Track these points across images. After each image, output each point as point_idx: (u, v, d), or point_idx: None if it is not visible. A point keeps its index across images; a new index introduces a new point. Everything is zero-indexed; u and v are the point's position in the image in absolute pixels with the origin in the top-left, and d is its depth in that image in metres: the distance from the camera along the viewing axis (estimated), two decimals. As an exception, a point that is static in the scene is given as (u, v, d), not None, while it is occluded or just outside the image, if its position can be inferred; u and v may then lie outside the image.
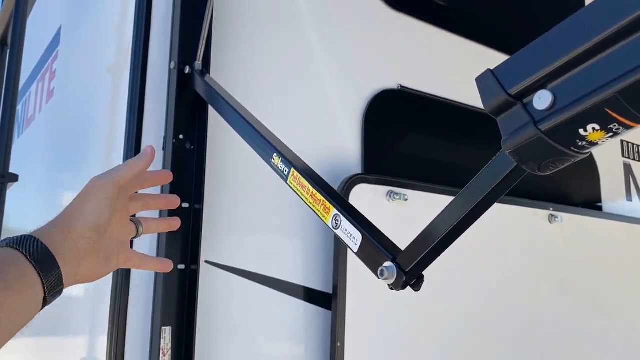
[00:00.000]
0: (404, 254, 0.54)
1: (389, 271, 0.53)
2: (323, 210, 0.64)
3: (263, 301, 1.13)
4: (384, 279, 0.54)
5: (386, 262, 0.54)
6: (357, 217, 0.60)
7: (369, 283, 1.19)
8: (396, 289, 0.54)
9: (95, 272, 0.63)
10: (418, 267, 0.52)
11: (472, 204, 0.47)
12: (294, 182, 0.70)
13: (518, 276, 1.45)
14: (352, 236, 0.59)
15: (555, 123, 0.40)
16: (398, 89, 1.39)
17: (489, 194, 0.46)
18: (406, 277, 0.53)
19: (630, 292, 1.74)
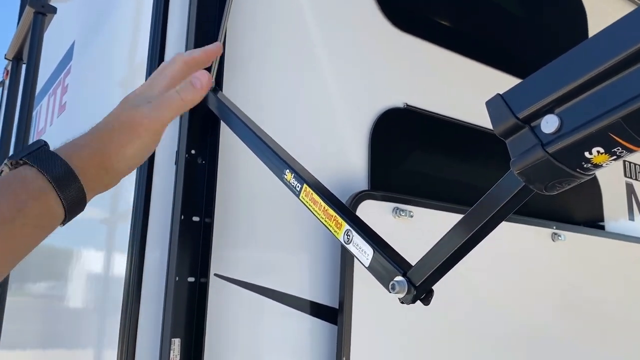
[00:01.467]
0: (414, 269, 0.56)
1: (400, 285, 0.55)
2: (335, 225, 0.66)
3: (271, 315, 1.14)
4: (395, 293, 0.56)
5: (397, 276, 0.56)
6: (368, 233, 0.62)
7: (375, 298, 1.21)
8: (406, 303, 0.56)
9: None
10: (428, 282, 0.54)
11: (481, 221, 0.49)
12: (306, 197, 0.72)
13: (521, 294, 1.47)
14: (363, 251, 0.61)
15: (561, 146, 0.42)
16: (404, 107, 1.42)
17: (497, 212, 0.48)
18: (416, 291, 0.55)
19: (632, 311, 1.75)
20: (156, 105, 0.59)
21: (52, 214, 0.49)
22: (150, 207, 1.08)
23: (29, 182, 0.48)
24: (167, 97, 0.60)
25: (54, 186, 0.49)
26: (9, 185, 0.48)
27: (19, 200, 0.47)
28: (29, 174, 0.49)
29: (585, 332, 1.59)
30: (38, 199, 0.48)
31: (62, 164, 0.50)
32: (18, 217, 0.46)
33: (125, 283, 1.04)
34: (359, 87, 1.36)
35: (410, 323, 1.25)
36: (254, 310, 1.12)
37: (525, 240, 1.51)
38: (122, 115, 0.58)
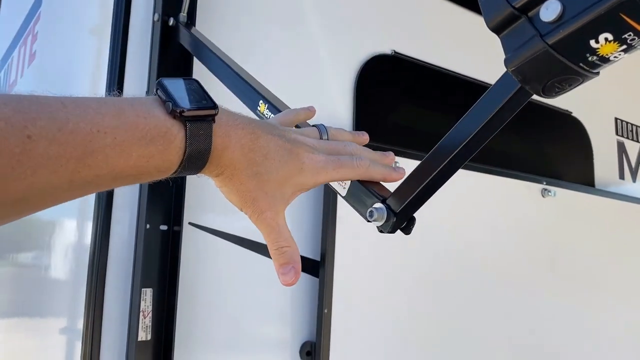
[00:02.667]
0: (394, 195, 0.50)
1: (378, 212, 0.50)
2: (310, 155, 0.60)
3: (248, 266, 1.09)
4: (373, 221, 0.50)
5: (376, 203, 0.51)
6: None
7: (357, 251, 1.17)
8: (385, 232, 0.51)
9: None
10: (409, 208, 0.49)
11: (470, 133, 0.43)
12: (280, 128, 0.66)
13: (510, 248, 1.43)
14: (341, 181, 0.55)
15: (563, 34, 0.36)
16: (391, 54, 1.35)
17: (490, 121, 0.42)
18: (396, 218, 0.49)
19: (619, 268, 1.72)
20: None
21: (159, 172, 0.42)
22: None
23: (168, 153, 0.40)
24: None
25: (181, 165, 0.42)
26: (150, 143, 0.39)
27: (147, 166, 0.40)
28: (176, 142, 0.41)
29: (571, 287, 1.57)
30: (162, 172, 0.41)
31: (206, 152, 0.43)
32: (128, 180, 0.40)
33: (92, 231, 0.98)
34: (345, 30, 1.29)
35: (391, 275, 1.20)
36: (230, 261, 1.07)
37: (515, 195, 1.47)
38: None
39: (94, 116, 0.37)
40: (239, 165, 0.45)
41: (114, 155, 0.38)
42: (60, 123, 0.35)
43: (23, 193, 0.35)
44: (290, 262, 0.49)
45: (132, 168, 0.39)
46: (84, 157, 0.36)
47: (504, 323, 1.39)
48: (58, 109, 0.36)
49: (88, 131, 0.36)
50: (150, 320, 0.95)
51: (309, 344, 1.12)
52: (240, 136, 0.45)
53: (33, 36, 1.65)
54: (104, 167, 0.37)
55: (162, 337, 0.96)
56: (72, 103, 0.37)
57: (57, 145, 0.35)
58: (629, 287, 1.75)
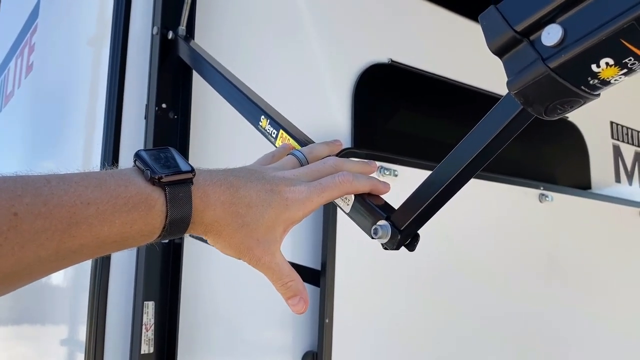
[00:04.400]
0: (398, 212, 0.51)
1: (383, 230, 0.50)
2: (313, 171, 0.61)
3: (250, 277, 1.09)
4: (378, 238, 0.51)
5: (380, 220, 0.51)
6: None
7: (358, 260, 1.17)
8: (390, 249, 0.51)
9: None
10: (413, 225, 0.50)
11: (473, 153, 0.44)
12: (283, 143, 0.66)
13: (508, 253, 1.44)
14: (344, 197, 0.55)
15: (565, 59, 0.37)
16: (389, 63, 1.36)
17: (492, 141, 0.42)
18: (401, 235, 0.50)
19: (616, 272, 1.73)
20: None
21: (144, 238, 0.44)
22: (119, 165, 1.02)
23: (150, 217, 0.42)
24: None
25: (164, 230, 0.43)
26: (132, 210, 0.41)
27: (131, 232, 0.41)
28: (157, 207, 0.42)
29: (569, 292, 1.57)
30: (145, 237, 0.43)
31: (187, 214, 0.44)
32: (112, 247, 0.42)
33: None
34: (343, 39, 1.29)
35: (393, 284, 1.21)
36: (232, 273, 1.07)
37: (512, 200, 1.47)
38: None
39: (77, 189, 0.39)
40: (224, 222, 0.46)
41: (98, 224, 0.39)
42: (45, 198, 0.37)
43: (12, 268, 0.36)
44: (297, 294, 0.52)
45: (116, 235, 0.41)
46: (69, 228, 0.38)
47: (504, 328, 1.39)
48: (42, 185, 0.38)
49: (72, 203, 0.38)
50: (152, 333, 0.95)
51: (311, 354, 1.12)
52: (219, 193, 0.46)
53: (30, 47, 1.65)
54: (88, 236, 0.39)
55: (164, 350, 0.97)
56: (56, 178, 0.39)
57: (42, 220, 0.37)
58: (626, 290, 1.76)
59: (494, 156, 0.44)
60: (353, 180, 0.53)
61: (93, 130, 1.09)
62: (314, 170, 0.54)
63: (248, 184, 0.48)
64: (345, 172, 0.54)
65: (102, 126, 1.03)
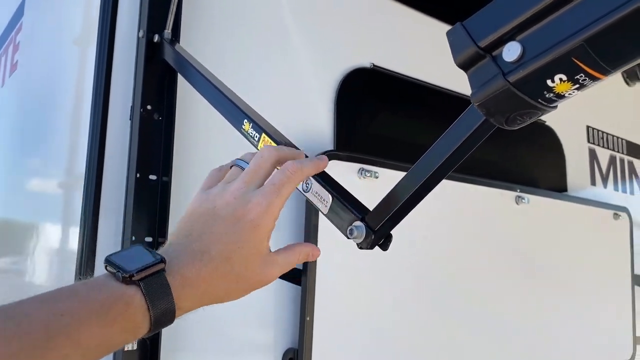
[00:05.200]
0: (372, 213, 0.54)
1: (358, 230, 0.53)
2: (293, 174, 0.64)
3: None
4: (353, 238, 0.54)
5: (355, 221, 0.54)
6: (327, 180, 0.60)
7: (339, 258, 1.20)
8: (365, 248, 0.54)
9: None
10: (386, 226, 0.53)
11: (440, 160, 0.47)
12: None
13: (484, 253, 1.48)
14: (322, 198, 0.58)
15: (523, 74, 0.40)
16: (371, 67, 1.39)
17: (458, 149, 0.46)
18: (374, 235, 0.53)
19: (590, 272, 1.78)
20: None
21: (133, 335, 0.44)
22: (104, 166, 1.03)
23: (130, 314, 0.43)
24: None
25: (152, 322, 0.44)
26: (109, 310, 0.41)
27: (113, 331, 0.42)
28: (135, 302, 0.43)
29: (545, 293, 1.62)
30: (131, 333, 0.43)
31: (170, 302, 0.44)
32: (101, 349, 0.42)
33: (79, 239, 1.00)
34: (326, 44, 1.32)
35: (374, 282, 1.24)
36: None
37: (489, 202, 1.52)
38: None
39: (49, 303, 0.40)
40: (212, 289, 0.47)
41: (75, 331, 0.40)
42: (18, 319, 0.38)
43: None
44: (309, 249, 0.55)
45: (98, 337, 0.41)
46: (47, 342, 0.38)
47: (480, 325, 1.43)
48: (14, 307, 0.39)
49: (45, 318, 0.39)
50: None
51: (292, 351, 1.15)
52: (196, 269, 0.47)
53: (15, 46, 1.66)
54: (69, 345, 0.39)
55: (147, 347, 0.98)
56: (28, 299, 0.40)
57: (17, 341, 0.37)
58: (599, 289, 1.81)
59: (460, 162, 0.47)
60: (301, 167, 0.54)
61: (78, 129, 1.10)
62: (256, 170, 0.53)
63: (212, 237, 0.48)
64: (290, 163, 0.54)
65: (87, 126, 1.04)
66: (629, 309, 1.93)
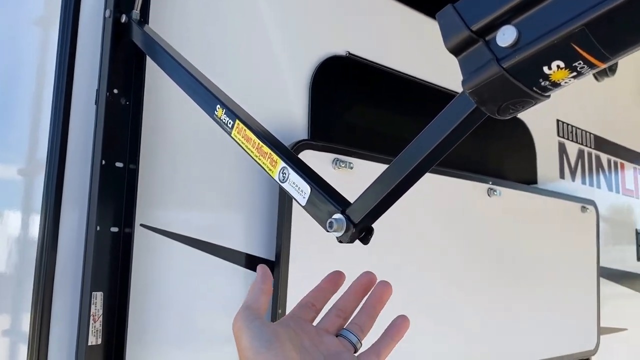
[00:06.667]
0: (353, 206, 0.51)
1: (338, 223, 0.51)
2: (270, 163, 0.61)
3: (202, 267, 1.08)
4: (333, 232, 0.51)
5: (336, 214, 0.51)
6: (305, 171, 0.57)
7: (313, 251, 1.18)
8: (345, 242, 0.52)
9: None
10: (368, 218, 0.50)
11: (427, 150, 0.45)
12: (239, 134, 0.66)
13: (458, 244, 1.48)
14: (300, 189, 0.56)
15: (518, 60, 0.38)
16: (346, 55, 1.36)
17: (446, 138, 0.43)
18: (355, 229, 0.50)
19: (558, 262, 1.81)
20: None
21: None
22: (67, 152, 0.98)
23: None
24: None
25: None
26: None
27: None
28: None
29: (514, 283, 1.63)
30: None
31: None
32: None
33: (40, 227, 0.95)
34: (301, 31, 1.29)
35: (348, 275, 1.22)
36: (184, 264, 1.06)
37: (462, 194, 1.51)
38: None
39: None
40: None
41: None
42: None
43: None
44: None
45: None
46: None
47: (454, 314, 1.43)
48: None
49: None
50: (100, 324, 0.93)
51: (263, 344, 1.12)
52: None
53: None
54: None
55: (112, 341, 0.94)
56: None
57: None
58: (566, 279, 1.84)
59: (447, 153, 0.45)
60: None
61: (40, 114, 1.05)
62: None
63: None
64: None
65: (50, 110, 0.99)
66: (594, 301, 1.97)
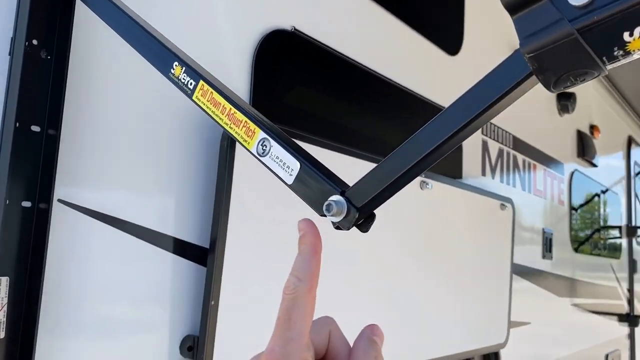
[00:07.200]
0: (356, 187, 0.44)
1: (338, 206, 0.43)
2: (245, 133, 0.51)
3: (125, 251, 0.96)
4: (331, 216, 0.44)
5: (334, 195, 0.44)
6: (291, 144, 0.49)
7: (251, 238, 1.09)
8: (344, 228, 0.44)
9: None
10: (373, 203, 0.43)
11: (465, 119, 0.38)
12: (203, 98, 0.55)
13: (391, 235, 1.45)
14: (285, 165, 0.47)
15: (596, 21, 0.32)
16: (291, 31, 1.27)
17: (490, 106, 0.37)
18: (359, 213, 0.43)
19: (477, 258, 1.85)
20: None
21: None
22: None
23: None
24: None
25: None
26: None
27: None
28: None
29: (437, 275, 1.64)
30: None
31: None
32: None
33: None
34: (245, 2, 1.18)
35: (286, 264, 1.14)
36: (106, 245, 0.93)
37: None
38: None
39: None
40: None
41: None
42: None
43: None
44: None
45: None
46: None
47: (385, 303, 1.41)
48: None
49: None
50: (4, 314, 0.78)
51: (192, 338, 1.02)
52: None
53: None
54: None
55: (18, 334, 0.80)
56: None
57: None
58: (482, 275, 1.89)
59: (480, 127, 0.39)
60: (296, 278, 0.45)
61: None
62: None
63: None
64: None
65: (-51, 57, 0.82)
66: (507, 296, 2.04)
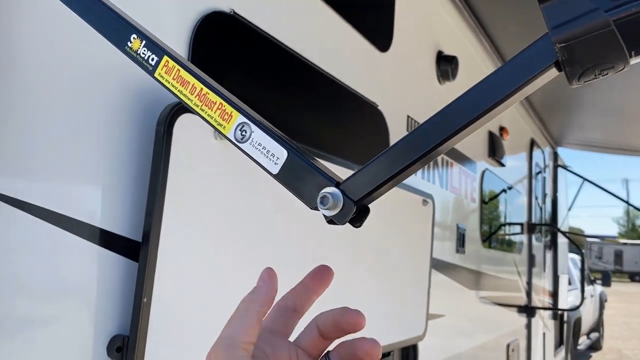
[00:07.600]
0: (353, 179, 0.41)
1: (334, 199, 0.39)
2: (220, 117, 0.46)
3: (47, 242, 0.86)
4: (325, 209, 0.40)
5: (328, 187, 0.40)
6: (274, 130, 0.44)
7: (188, 231, 1.02)
8: (339, 223, 0.41)
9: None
10: (372, 195, 0.40)
11: (484, 106, 0.35)
12: (168, 75, 0.49)
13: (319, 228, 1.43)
14: (269, 153, 0.43)
15: (633, 12, 0.31)
16: (230, 13, 1.21)
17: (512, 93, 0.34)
18: (356, 207, 0.40)
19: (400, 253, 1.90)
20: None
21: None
22: None
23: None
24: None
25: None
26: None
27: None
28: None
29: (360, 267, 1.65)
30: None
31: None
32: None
33: None
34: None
35: (224, 259, 1.09)
36: (25, 236, 0.83)
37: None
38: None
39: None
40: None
41: None
42: None
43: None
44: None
45: None
46: None
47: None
48: None
49: None
50: None
51: (121, 338, 0.94)
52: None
53: None
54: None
55: None
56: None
57: None
58: (404, 268, 1.94)
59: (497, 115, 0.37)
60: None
61: None
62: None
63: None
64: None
65: None
66: (426, 290, 2.10)
